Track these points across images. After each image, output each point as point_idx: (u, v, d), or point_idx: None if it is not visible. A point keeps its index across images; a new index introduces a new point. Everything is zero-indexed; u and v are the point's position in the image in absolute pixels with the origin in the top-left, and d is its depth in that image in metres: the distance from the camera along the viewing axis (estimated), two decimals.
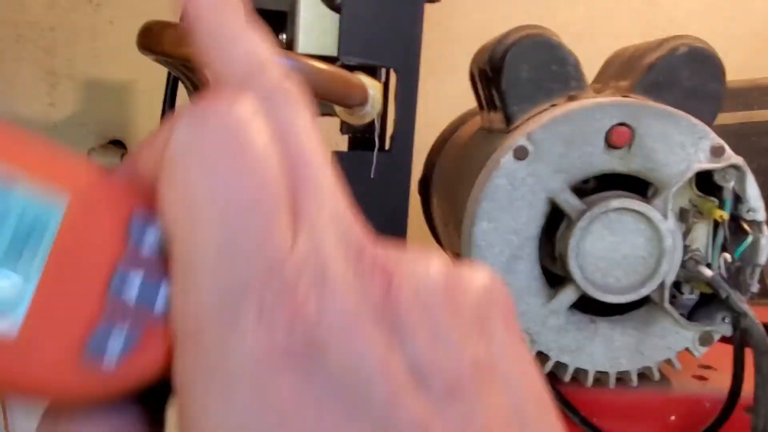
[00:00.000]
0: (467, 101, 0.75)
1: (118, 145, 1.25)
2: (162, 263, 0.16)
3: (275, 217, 0.15)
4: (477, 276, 0.18)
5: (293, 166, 0.16)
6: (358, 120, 0.42)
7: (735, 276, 0.52)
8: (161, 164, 0.16)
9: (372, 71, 0.44)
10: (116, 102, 1.26)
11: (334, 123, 0.61)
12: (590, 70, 0.66)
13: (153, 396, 0.17)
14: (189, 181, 0.15)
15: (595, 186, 0.56)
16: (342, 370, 0.14)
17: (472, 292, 0.17)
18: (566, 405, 0.57)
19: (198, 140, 0.15)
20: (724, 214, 0.52)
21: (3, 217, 0.15)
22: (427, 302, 0.16)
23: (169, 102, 0.61)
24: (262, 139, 0.16)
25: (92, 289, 0.16)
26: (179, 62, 0.31)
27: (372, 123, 0.43)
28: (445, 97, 0.95)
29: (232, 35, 0.18)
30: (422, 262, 0.17)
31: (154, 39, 0.31)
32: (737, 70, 1.25)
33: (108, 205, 0.16)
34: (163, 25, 0.31)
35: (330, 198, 0.16)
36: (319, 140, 0.17)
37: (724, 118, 0.87)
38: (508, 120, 0.56)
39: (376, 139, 0.43)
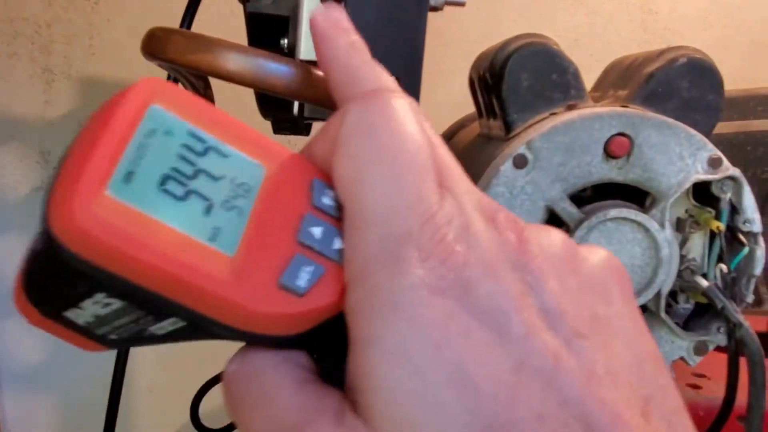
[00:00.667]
0: (464, 107, 0.75)
1: None
2: (334, 221, 0.20)
3: (428, 179, 0.19)
4: (595, 250, 0.21)
5: (432, 147, 0.20)
6: None
7: (731, 287, 0.53)
8: (335, 143, 0.20)
9: None
10: None
11: None
12: (587, 77, 0.66)
13: (319, 351, 0.20)
14: (360, 149, 0.19)
15: (593, 195, 0.56)
16: (486, 303, 0.17)
17: (591, 261, 0.20)
18: None
19: (366, 118, 0.20)
20: (721, 225, 0.52)
21: (226, 173, 0.20)
22: (553, 260, 0.19)
23: None
24: (415, 118, 0.20)
25: (286, 232, 0.20)
26: (184, 69, 0.31)
27: None
28: (442, 102, 0.95)
29: (366, 68, 0.22)
30: (545, 230, 0.20)
31: (159, 46, 0.31)
32: (734, 79, 1.26)
33: (294, 173, 0.21)
34: (168, 32, 0.31)
35: (462, 174, 0.20)
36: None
37: (720, 127, 0.87)
38: (508, 128, 0.56)
39: None
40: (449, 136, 0.85)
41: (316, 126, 0.85)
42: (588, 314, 0.19)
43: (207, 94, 0.47)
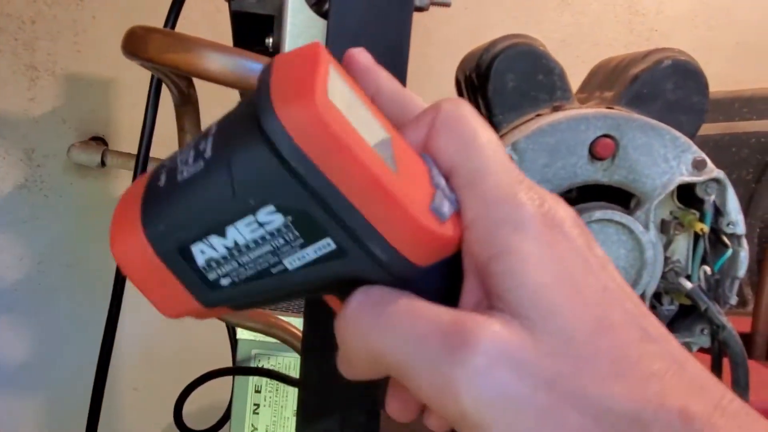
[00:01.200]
0: None
1: (98, 141, 1.24)
2: (445, 184, 0.25)
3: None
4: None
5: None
6: None
7: (714, 288, 0.53)
8: (435, 128, 0.26)
9: None
10: (98, 98, 1.24)
11: None
12: (573, 77, 0.66)
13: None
14: (460, 128, 0.26)
15: (579, 196, 0.56)
16: (574, 234, 0.26)
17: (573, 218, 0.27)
18: None
19: (457, 110, 0.27)
20: (705, 227, 0.52)
21: (369, 121, 0.24)
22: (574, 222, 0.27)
23: (153, 102, 0.60)
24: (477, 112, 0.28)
25: (423, 175, 0.25)
26: (164, 68, 0.31)
27: None
28: (429, 101, 0.95)
29: (409, 96, 0.30)
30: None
31: (139, 44, 0.31)
32: (719, 81, 1.27)
33: (408, 148, 0.26)
34: (148, 31, 0.31)
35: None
36: None
37: (705, 128, 0.88)
38: (494, 128, 0.56)
39: None
40: None
41: None
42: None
43: (189, 92, 0.46)
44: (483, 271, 0.24)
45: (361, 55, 0.30)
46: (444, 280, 0.25)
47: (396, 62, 0.43)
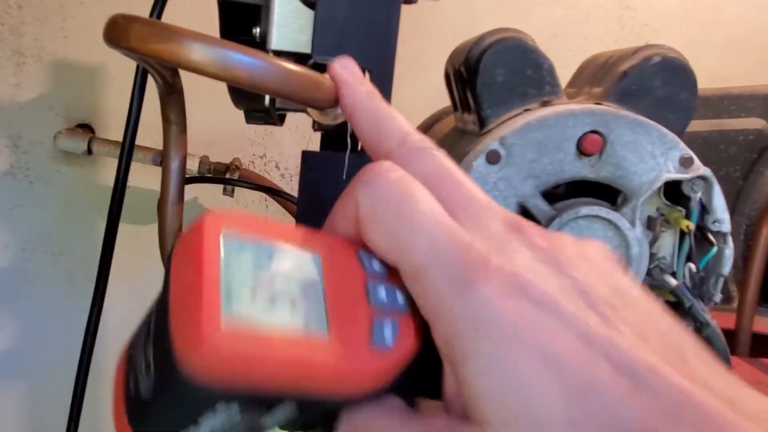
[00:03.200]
0: (443, 99, 0.75)
1: (85, 128, 1.23)
2: (388, 279, 0.24)
3: (445, 221, 0.23)
4: (594, 244, 0.25)
5: (450, 188, 0.25)
6: (331, 120, 0.42)
7: (699, 286, 0.53)
8: (360, 224, 0.24)
9: None
10: (85, 85, 1.23)
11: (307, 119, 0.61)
12: (564, 71, 0.66)
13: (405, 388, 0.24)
14: (384, 225, 0.23)
15: (566, 191, 0.56)
16: (540, 297, 0.21)
17: (596, 252, 0.24)
18: None
19: (375, 200, 0.24)
20: (691, 224, 0.52)
21: (294, 269, 0.23)
22: (572, 252, 0.23)
23: (139, 90, 0.59)
24: (409, 183, 0.24)
25: (359, 301, 0.23)
26: (147, 59, 0.30)
27: (345, 123, 0.42)
28: (420, 94, 0.94)
29: (384, 116, 0.28)
30: (555, 233, 0.25)
31: (120, 33, 0.30)
32: (710, 77, 1.27)
33: (342, 252, 0.24)
34: (129, 20, 0.31)
35: (484, 198, 0.25)
36: (458, 169, 0.26)
37: (694, 125, 0.88)
38: (482, 123, 0.56)
39: (349, 140, 0.42)
40: (425, 129, 0.84)
41: (290, 117, 0.85)
42: (613, 286, 0.23)
43: (174, 82, 0.46)
44: (453, 369, 0.22)
45: (340, 71, 0.29)
46: (419, 370, 0.23)
47: (383, 54, 0.42)
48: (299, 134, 1.28)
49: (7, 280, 1.25)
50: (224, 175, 1.14)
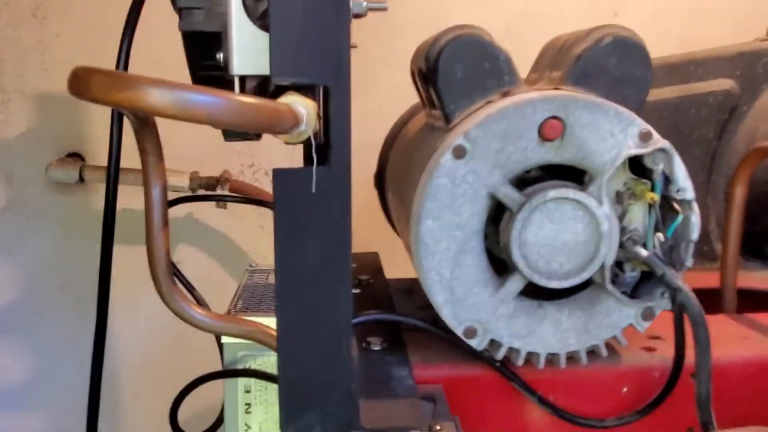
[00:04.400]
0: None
1: (75, 157, 1.25)
2: None
3: None
4: None
5: None
6: (295, 139, 0.44)
7: (669, 253, 0.55)
8: None
9: (310, 88, 0.45)
10: (70, 115, 1.26)
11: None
12: (537, 49, 0.67)
13: None
14: None
15: (538, 176, 0.58)
16: None
17: None
18: (524, 386, 0.59)
19: None
20: (655, 196, 0.54)
21: None
22: None
23: (117, 122, 0.62)
24: None
25: None
26: (110, 105, 0.33)
27: (310, 139, 0.44)
28: (397, 89, 0.96)
29: None
30: None
31: (82, 86, 0.32)
32: (681, 42, 1.28)
33: None
34: (89, 72, 0.33)
35: None
36: None
37: (664, 92, 0.90)
38: (447, 118, 0.58)
39: (314, 155, 0.44)
40: (401, 125, 0.86)
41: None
42: None
43: (147, 117, 0.48)
44: None
45: None
46: None
47: (338, 69, 0.44)
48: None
49: (17, 313, 1.27)
50: (215, 189, 1.17)
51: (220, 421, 0.72)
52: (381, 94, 1.11)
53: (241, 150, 1.29)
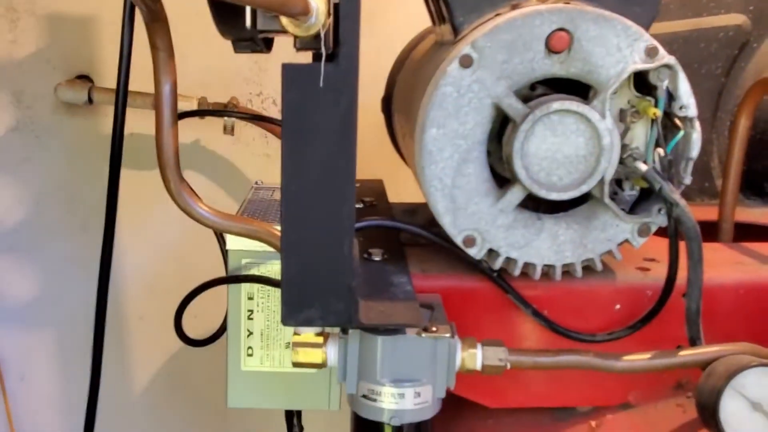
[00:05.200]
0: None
1: (84, 79, 1.25)
2: None
3: None
4: None
5: None
6: (305, 31, 0.44)
7: (668, 169, 0.56)
8: None
9: None
10: (80, 36, 1.25)
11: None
12: None
13: None
14: None
15: (544, 93, 0.58)
16: None
17: None
18: (519, 299, 0.61)
19: None
20: (658, 112, 0.55)
21: None
22: None
23: (128, 31, 0.62)
24: None
25: None
26: None
27: (319, 35, 0.45)
28: (410, 21, 0.96)
29: None
30: None
31: None
32: None
33: None
34: None
35: None
36: None
37: (675, 25, 0.90)
38: (455, 30, 0.58)
39: (323, 49, 0.45)
40: (409, 50, 0.86)
41: (284, 53, 0.86)
42: None
43: (158, 9, 0.48)
44: None
45: None
46: None
47: None
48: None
49: (24, 231, 1.29)
50: (223, 115, 1.17)
51: (223, 328, 0.74)
52: (391, 27, 1.11)
53: (250, 78, 1.29)
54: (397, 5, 1.19)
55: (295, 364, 0.55)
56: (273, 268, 0.67)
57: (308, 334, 0.56)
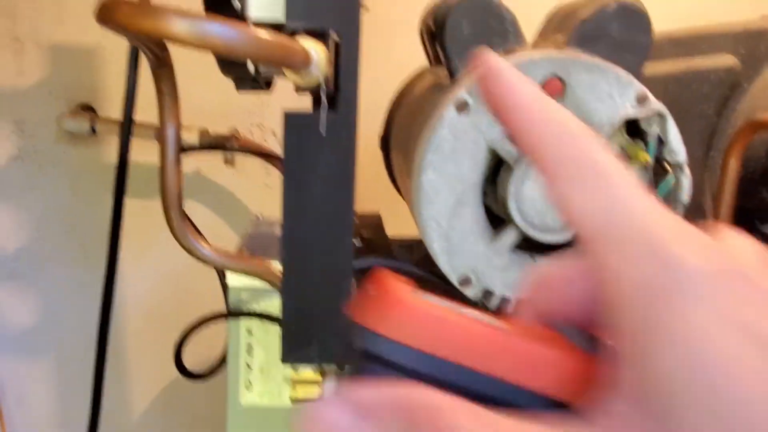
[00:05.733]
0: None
1: (87, 109, 1.27)
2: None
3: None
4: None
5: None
6: (306, 82, 0.46)
7: None
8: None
9: (322, 35, 0.47)
10: (84, 67, 1.27)
11: None
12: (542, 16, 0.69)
13: None
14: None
15: None
16: (749, 276, 0.19)
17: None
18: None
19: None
20: (648, 158, 0.56)
21: None
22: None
23: (133, 67, 0.64)
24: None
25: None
26: (135, 35, 0.35)
27: (320, 84, 0.46)
28: (407, 58, 0.98)
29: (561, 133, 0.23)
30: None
31: (110, 13, 0.35)
32: (688, 15, 1.29)
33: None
34: (118, 1, 0.35)
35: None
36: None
37: (667, 65, 0.92)
38: (452, 74, 0.60)
39: (324, 99, 0.47)
40: (408, 88, 0.88)
41: (286, 85, 0.88)
42: None
43: (163, 56, 0.50)
44: (631, 351, 0.19)
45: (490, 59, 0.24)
46: None
47: (348, 15, 0.46)
48: (293, 100, 1.32)
49: (25, 258, 1.30)
50: (224, 146, 1.19)
51: (222, 360, 0.75)
52: (390, 63, 1.13)
53: (251, 110, 1.31)
54: (394, 41, 1.22)
55: (294, 401, 0.56)
56: (273, 304, 0.69)
57: (307, 371, 0.57)
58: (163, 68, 0.52)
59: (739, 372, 0.17)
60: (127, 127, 0.62)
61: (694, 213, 0.88)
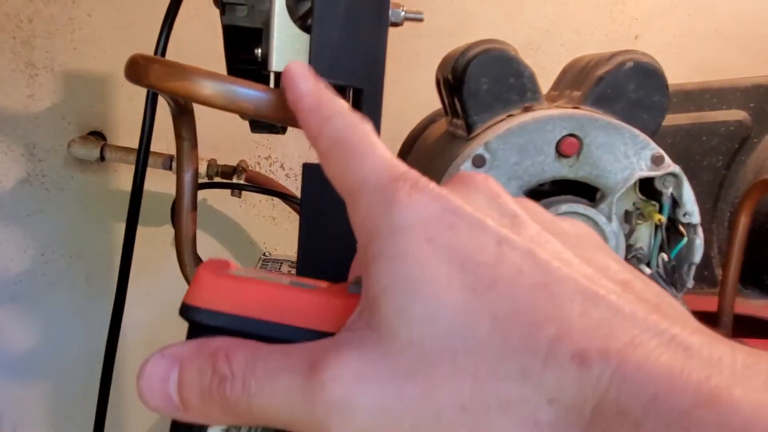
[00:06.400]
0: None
1: (97, 136, 1.28)
2: None
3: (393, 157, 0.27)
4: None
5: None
6: None
7: (671, 274, 0.57)
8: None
9: (341, 90, 0.48)
10: (95, 94, 1.28)
11: None
12: (557, 66, 0.70)
13: None
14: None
15: (551, 189, 0.60)
16: (461, 211, 0.23)
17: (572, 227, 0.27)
18: None
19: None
20: (662, 218, 0.57)
21: None
22: (538, 216, 0.26)
23: (151, 108, 0.64)
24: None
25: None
26: (166, 95, 0.35)
27: None
28: (419, 93, 0.99)
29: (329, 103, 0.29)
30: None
31: (141, 73, 0.35)
32: (699, 68, 1.30)
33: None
34: (149, 60, 0.35)
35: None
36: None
37: (678, 118, 0.92)
38: (469, 128, 0.60)
39: None
40: (422, 129, 0.89)
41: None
42: (550, 227, 0.25)
43: (186, 104, 0.50)
44: (366, 277, 0.23)
45: (294, 67, 0.30)
46: None
47: (373, 74, 0.47)
48: (302, 135, 1.32)
49: (28, 283, 1.30)
50: (231, 177, 1.19)
51: None
52: (401, 97, 1.14)
53: (259, 142, 1.32)
54: (405, 81, 1.23)
55: None
56: None
57: None
58: (184, 115, 0.52)
59: (437, 284, 0.21)
60: (143, 166, 0.62)
61: (702, 263, 0.88)
